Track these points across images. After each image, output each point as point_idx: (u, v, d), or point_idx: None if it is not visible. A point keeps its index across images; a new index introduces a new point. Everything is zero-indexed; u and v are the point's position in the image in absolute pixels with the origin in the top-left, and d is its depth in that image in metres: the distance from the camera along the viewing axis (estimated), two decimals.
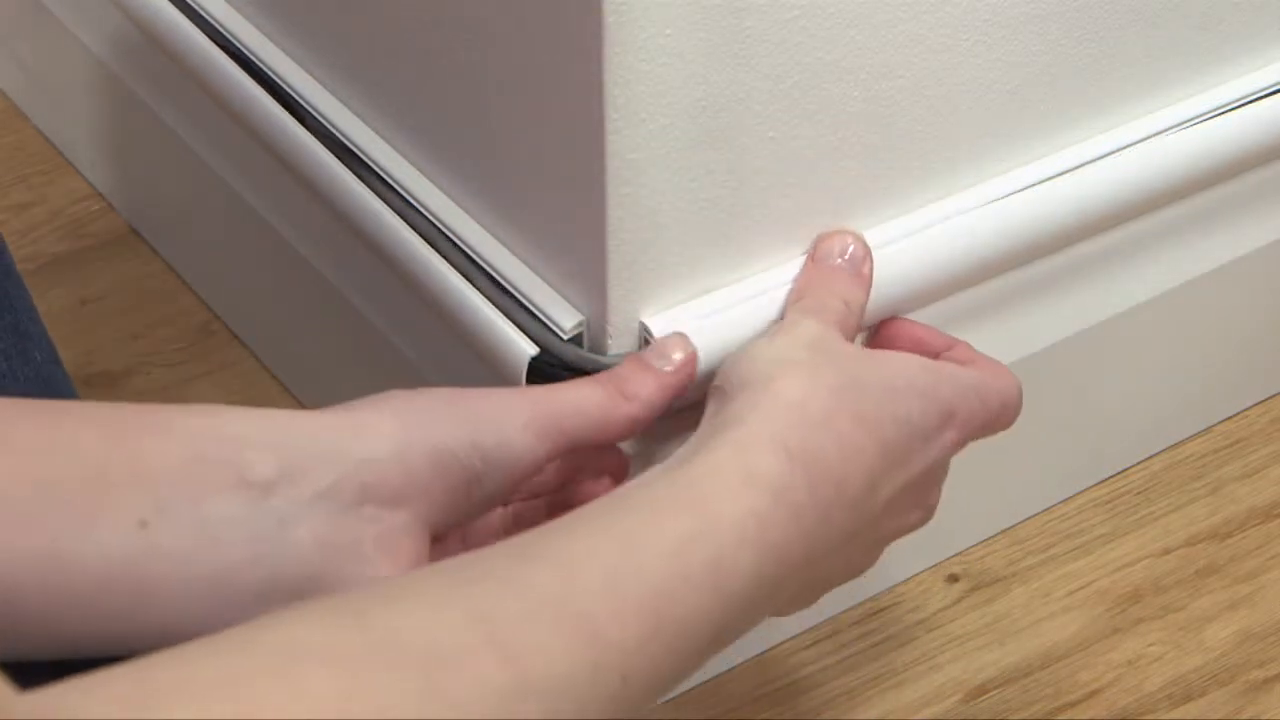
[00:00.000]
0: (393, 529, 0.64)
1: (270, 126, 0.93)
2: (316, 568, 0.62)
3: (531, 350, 0.80)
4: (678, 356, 0.75)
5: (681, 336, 0.76)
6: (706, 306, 0.81)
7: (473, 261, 0.84)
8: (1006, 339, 0.91)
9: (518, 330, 0.81)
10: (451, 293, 0.84)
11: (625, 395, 0.73)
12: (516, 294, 0.82)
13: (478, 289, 0.83)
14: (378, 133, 0.89)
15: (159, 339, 1.08)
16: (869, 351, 0.76)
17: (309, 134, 0.91)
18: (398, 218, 0.86)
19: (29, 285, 0.79)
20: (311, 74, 0.93)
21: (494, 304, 0.83)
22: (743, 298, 0.82)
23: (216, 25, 0.96)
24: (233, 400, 1.04)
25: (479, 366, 0.88)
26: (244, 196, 1.01)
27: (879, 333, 0.83)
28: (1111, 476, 1.01)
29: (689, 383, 0.75)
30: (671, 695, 0.90)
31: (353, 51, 0.90)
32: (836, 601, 0.94)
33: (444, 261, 0.85)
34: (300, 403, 1.04)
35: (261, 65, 0.93)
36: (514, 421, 0.68)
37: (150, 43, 1.02)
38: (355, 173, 0.88)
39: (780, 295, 0.82)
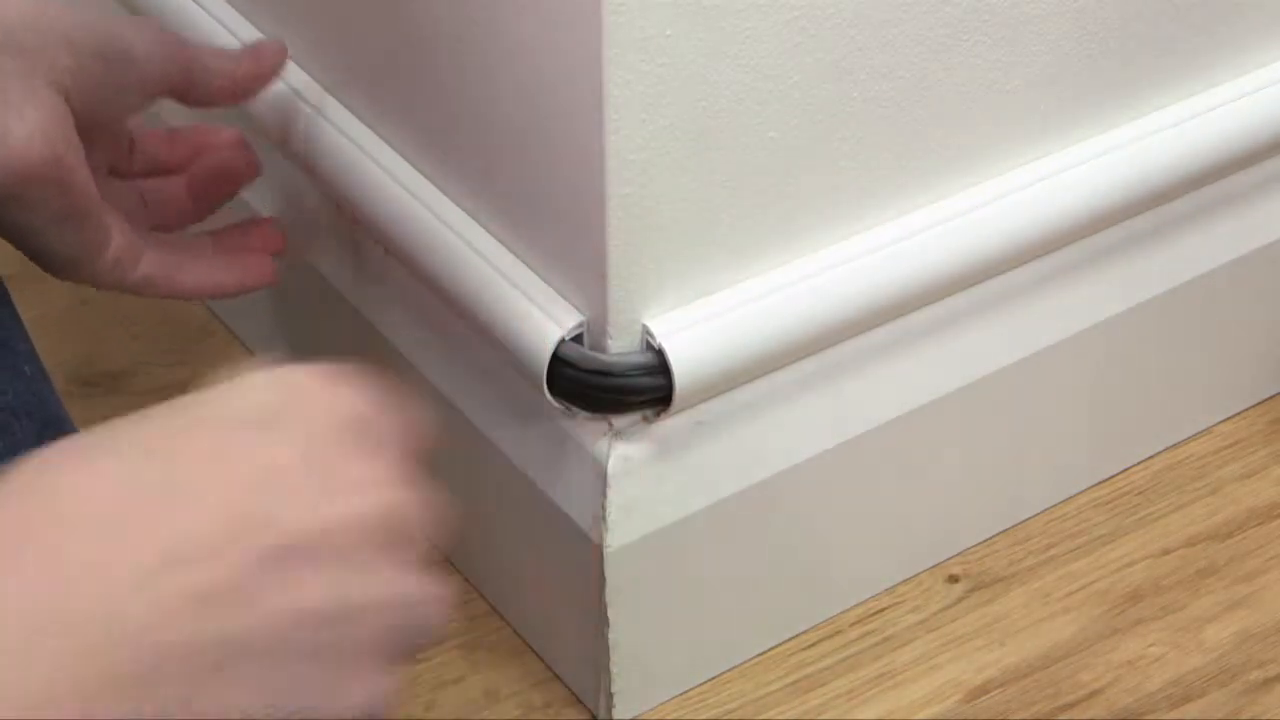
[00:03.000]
0: (32, 83, 0.73)
1: (270, 126, 0.93)
2: None
3: (550, 344, 0.80)
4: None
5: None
6: (708, 308, 0.81)
7: (473, 261, 0.84)
8: (1007, 339, 0.91)
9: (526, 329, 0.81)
10: (452, 292, 0.84)
11: (241, 60, 0.84)
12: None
13: (478, 287, 0.83)
14: (377, 133, 0.89)
15: (159, 339, 1.08)
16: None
17: (309, 134, 0.91)
18: (399, 217, 0.87)
19: (29, 285, 0.79)
20: (310, 73, 0.93)
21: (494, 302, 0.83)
22: (745, 299, 0.82)
23: (219, 26, 0.96)
24: None
25: (478, 365, 0.88)
26: (243, 196, 1.01)
27: None
28: (1111, 476, 1.01)
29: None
30: (671, 695, 0.90)
31: (353, 51, 0.90)
32: (836, 601, 0.94)
33: (443, 260, 0.85)
34: None
35: None
36: (146, 25, 0.80)
37: None
38: (355, 172, 0.88)
39: (782, 296, 0.82)
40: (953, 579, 0.96)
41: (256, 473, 0.48)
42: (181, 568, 0.45)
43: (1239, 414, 1.05)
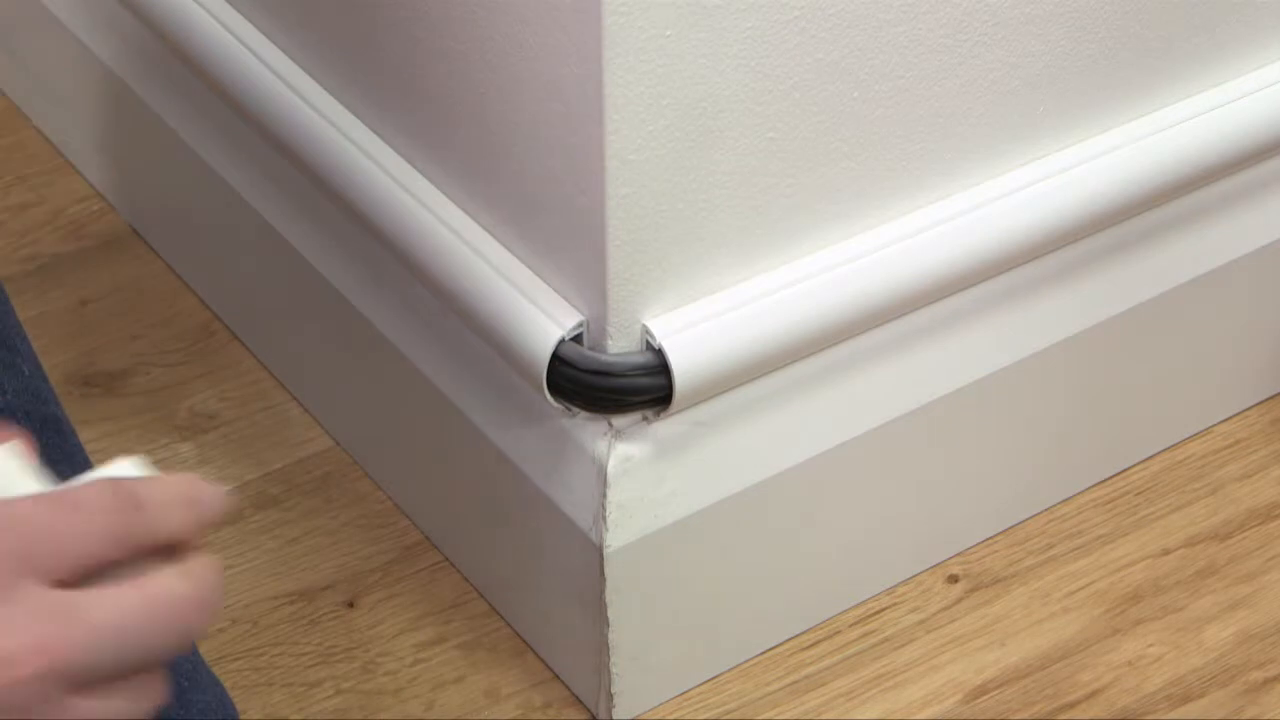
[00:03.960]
0: None
1: (272, 129, 0.93)
2: None
3: (550, 344, 0.80)
4: None
5: None
6: (708, 308, 0.81)
7: (473, 262, 0.84)
8: (1006, 340, 0.91)
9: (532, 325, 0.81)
10: (452, 292, 0.84)
11: None
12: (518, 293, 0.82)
13: (478, 287, 0.83)
14: (379, 134, 0.89)
15: (159, 339, 1.08)
16: None
17: (310, 137, 0.91)
18: (400, 220, 0.87)
19: (29, 285, 0.79)
20: (313, 76, 0.93)
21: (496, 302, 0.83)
22: (745, 299, 0.82)
23: (221, 28, 0.96)
24: (231, 400, 1.04)
25: (479, 366, 0.88)
26: (244, 197, 1.01)
27: None
28: (1111, 476, 1.01)
29: None
30: (671, 695, 0.90)
31: (353, 54, 0.90)
32: (836, 602, 0.94)
33: (443, 260, 0.85)
34: (300, 404, 1.04)
35: (265, 67, 0.93)
36: None
37: (152, 43, 1.02)
38: (357, 174, 0.88)
39: (782, 297, 0.82)
40: (953, 579, 0.96)
41: None
42: None
43: (1239, 414, 1.05)
